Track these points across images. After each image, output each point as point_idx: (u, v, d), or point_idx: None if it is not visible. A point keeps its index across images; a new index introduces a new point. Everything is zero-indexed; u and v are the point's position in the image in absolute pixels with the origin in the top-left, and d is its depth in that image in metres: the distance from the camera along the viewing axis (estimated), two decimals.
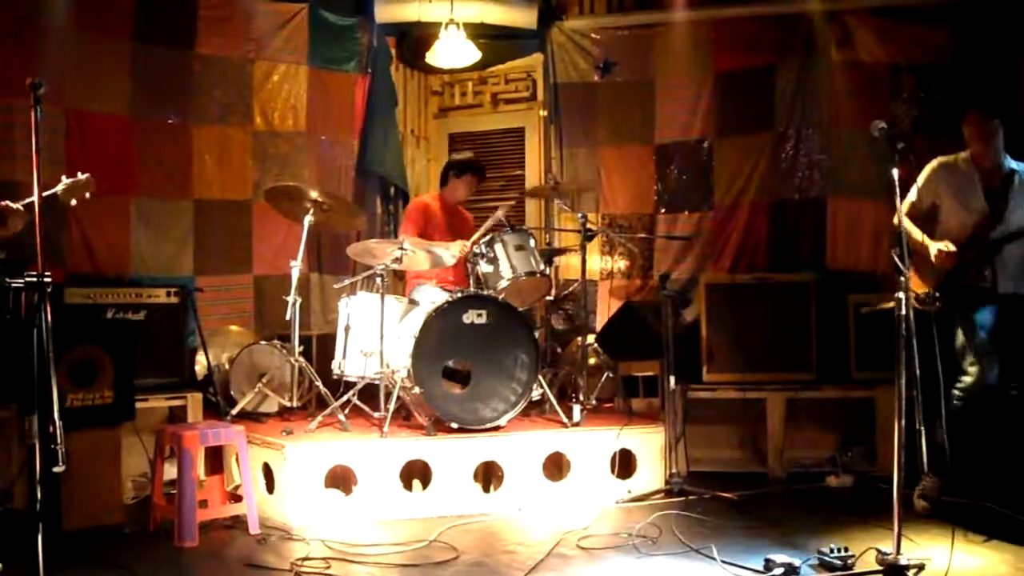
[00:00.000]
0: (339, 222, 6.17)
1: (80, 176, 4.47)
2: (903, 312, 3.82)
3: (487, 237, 5.83)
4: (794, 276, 6.49)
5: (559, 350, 6.86)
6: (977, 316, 4.91)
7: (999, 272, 4.85)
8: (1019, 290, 4.88)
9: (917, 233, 4.96)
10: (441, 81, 8.55)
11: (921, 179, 5.09)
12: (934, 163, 5.11)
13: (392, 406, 5.24)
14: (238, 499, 4.82)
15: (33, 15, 6.04)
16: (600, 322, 7.23)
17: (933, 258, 4.87)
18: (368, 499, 4.95)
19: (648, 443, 5.52)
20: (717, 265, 7.18)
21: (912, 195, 5.10)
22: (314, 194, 5.62)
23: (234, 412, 5.68)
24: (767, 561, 3.92)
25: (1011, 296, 4.87)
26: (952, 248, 4.84)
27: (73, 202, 4.48)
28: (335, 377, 5.72)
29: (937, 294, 4.91)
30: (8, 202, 4.30)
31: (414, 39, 7.86)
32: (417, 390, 5.22)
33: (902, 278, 3.87)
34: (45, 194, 4.42)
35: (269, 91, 7.15)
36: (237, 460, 4.92)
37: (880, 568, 3.83)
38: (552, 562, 4.17)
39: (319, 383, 5.62)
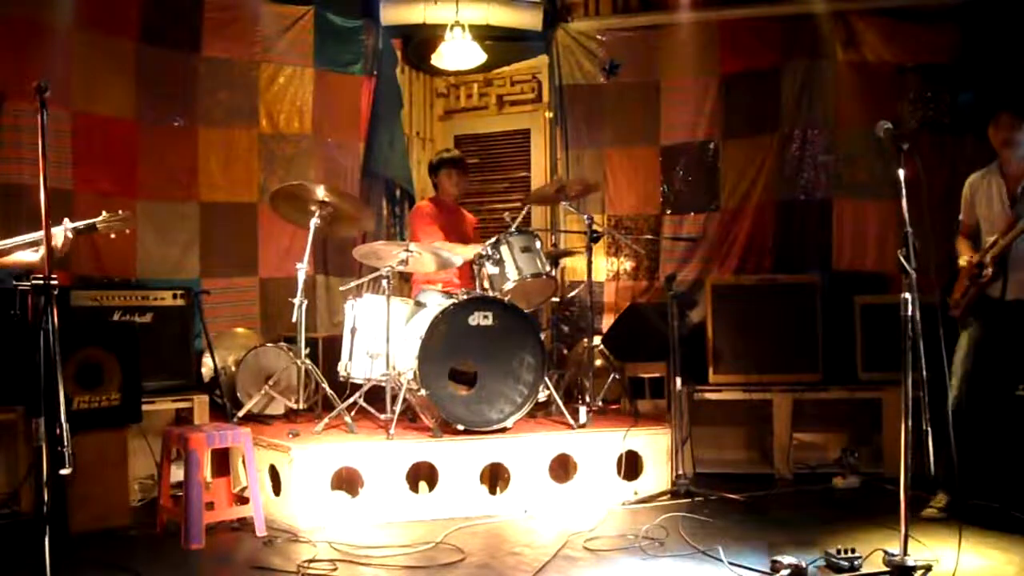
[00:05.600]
0: (345, 226, 6.13)
1: (121, 212, 4.54)
2: (909, 313, 3.81)
3: (493, 239, 5.83)
4: (800, 277, 6.49)
5: (565, 352, 6.86)
6: (980, 328, 4.92)
7: (1010, 278, 4.83)
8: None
9: (963, 250, 5.03)
10: (447, 83, 8.57)
11: (962, 199, 5.11)
12: (968, 180, 5.12)
13: (398, 408, 5.24)
14: (244, 501, 4.82)
15: (39, 18, 6.05)
16: (606, 324, 7.23)
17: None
18: (374, 501, 4.95)
19: (654, 445, 5.52)
20: (723, 266, 7.18)
21: (961, 214, 5.12)
22: (320, 192, 5.61)
23: (240, 414, 5.68)
24: (774, 562, 3.90)
25: (1018, 302, 4.84)
26: (964, 264, 4.92)
27: (112, 235, 4.55)
28: (341, 379, 5.72)
29: (960, 300, 4.93)
30: (66, 227, 4.35)
31: (420, 41, 7.87)
32: (423, 392, 5.22)
33: (907, 279, 3.86)
34: (84, 224, 4.48)
35: (275, 93, 7.17)
36: (243, 462, 4.93)
37: (887, 569, 3.82)
38: (558, 564, 4.17)
39: (325, 385, 5.62)
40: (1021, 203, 4.81)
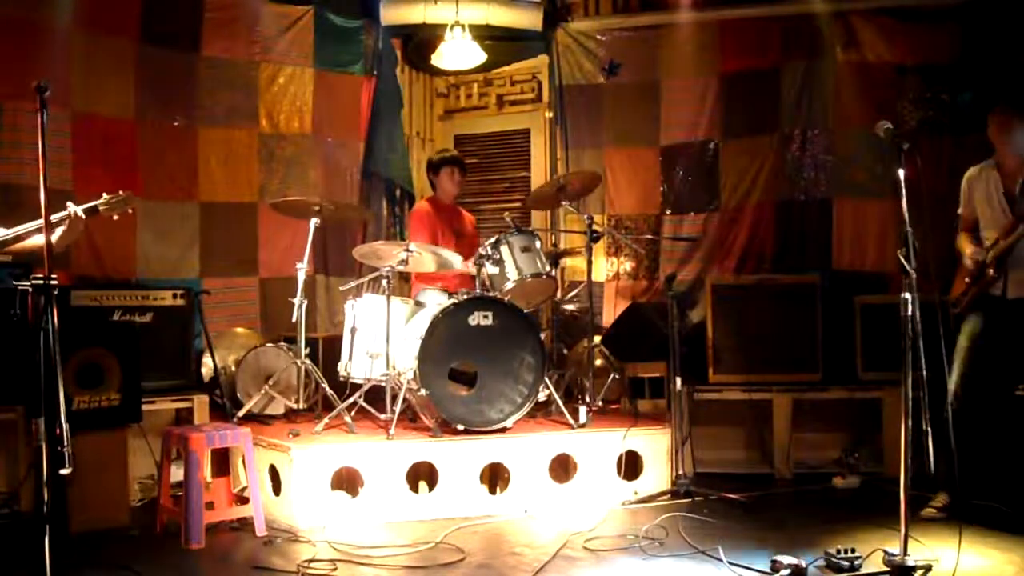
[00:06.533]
0: (346, 217, 6.17)
1: (121, 193, 4.52)
2: (909, 313, 3.81)
3: (493, 239, 5.83)
4: (800, 277, 6.48)
5: (565, 351, 6.86)
6: (980, 325, 4.91)
7: (1010, 277, 4.82)
8: None
9: (965, 246, 5.00)
10: (447, 83, 8.57)
11: (961, 192, 5.11)
12: (965, 175, 5.11)
13: (398, 408, 5.24)
14: (244, 501, 4.82)
15: (39, 18, 6.05)
16: (606, 323, 7.22)
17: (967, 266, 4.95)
18: (374, 501, 4.95)
19: (654, 444, 5.51)
20: (723, 266, 7.18)
21: (960, 208, 5.11)
22: (319, 204, 5.63)
23: (240, 414, 5.69)
24: (774, 562, 3.91)
25: (1020, 301, 4.83)
26: (969, 262, 4.91)
27: (115, 216, 4.53)
28: (341, 379, 5.72)
29: (961, 299, 4.92)
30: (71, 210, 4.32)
31: (420, 41, 7.87)
32: (423, 392, 5.22)
33: (907, 279, 3.87)
34: (86, 207, 4.47)
35: (275, 93, 7.17)
36: (243, 462, 4.94)
37: (887, 569, 3.83)
38: (558, 564, 4.17)
39: (325, 385, 5.62)
40: (1021, 202, 4.81)
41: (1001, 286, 4.83)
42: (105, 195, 4.53)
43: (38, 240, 4.33)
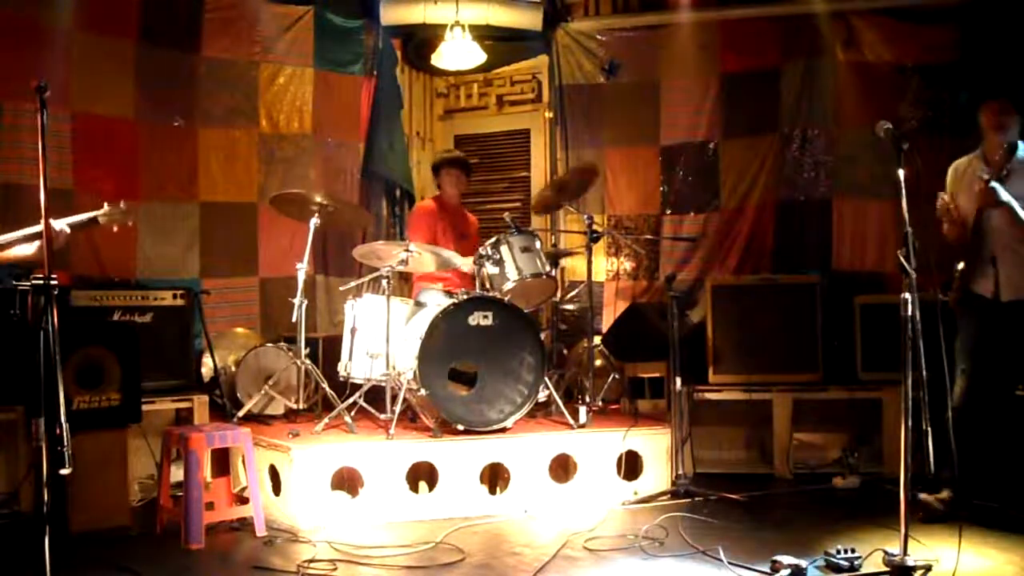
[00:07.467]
0: (346, 220, 6.17)
1: (121, 205, 4.52)
2: (909, 313, 3.81)
3: (493, 239, 5.83)
4: (800, 277, 6.48)
5: (565, 352, 6.86)
6: (978, 327, 4.90)
7: (1001, 276, 4.82)
8: (1021, 295, 4.84)
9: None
10: (447, 83, 8.57)
11: (947, 181, 5.11)
12: (952, 165, 5.13)
13: (398, 408, 5.24)
14: (244, 501, 4.82)
15: (39, 18, 6.06)
16: (606, 324, 7.23)
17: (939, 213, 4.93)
18: (374, 501, 4.95)
19: (654, 444, 5.52)
20: (723, 266, 7.18)
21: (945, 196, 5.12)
22: (319, 198, 5.62)
23: (240, 414, 5.69)
24: (774, 562, 3.90)
25: (1015, 303, 4.83)
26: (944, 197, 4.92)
27: (115, 228, 4.53)
28: (341, 379, 5.73)
29: (954, 284, 4.91)
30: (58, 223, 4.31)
31: (420, 41, 7.87)
32: (423, 392, 5.22)
33: (907, 279, 3.87)
34: (85, 216, 4.46)
35: (275, 93, 7.17)
36: (243, 462, 4.94)
37: (887, 569, 3.83)
38: (558, 564, 4.17)
39: (325, 385, 5.63)
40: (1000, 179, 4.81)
41: (992, 285, 4.82)
42: (106, 206, 4.53)
43: (21, 251, 4.32)
